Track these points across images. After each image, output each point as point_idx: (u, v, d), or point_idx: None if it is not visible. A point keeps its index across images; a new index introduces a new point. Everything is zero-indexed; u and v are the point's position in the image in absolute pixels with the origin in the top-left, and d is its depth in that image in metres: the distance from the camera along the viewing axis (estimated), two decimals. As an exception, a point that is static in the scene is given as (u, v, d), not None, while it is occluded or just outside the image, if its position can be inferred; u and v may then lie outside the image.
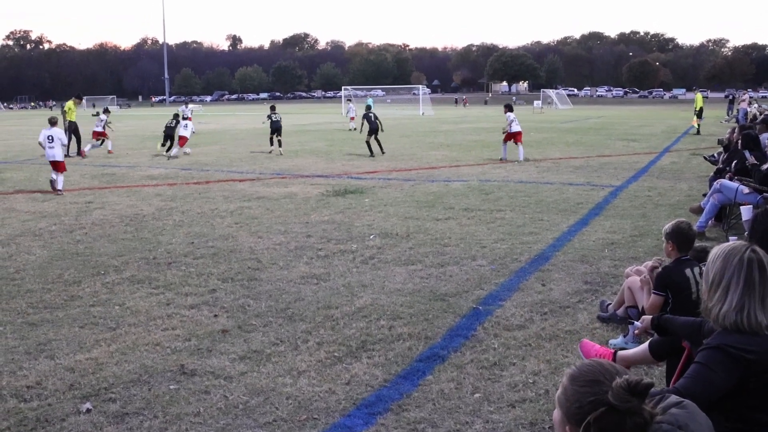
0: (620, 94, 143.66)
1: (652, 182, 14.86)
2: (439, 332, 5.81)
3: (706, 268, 2.99)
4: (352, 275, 7.63)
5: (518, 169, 17.73)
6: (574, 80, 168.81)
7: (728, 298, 2.85)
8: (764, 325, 2.81)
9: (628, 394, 1.90)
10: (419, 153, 23.00)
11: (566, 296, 6.78)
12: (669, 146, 24.83)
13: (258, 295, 6.92)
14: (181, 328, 6.00)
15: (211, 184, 15.58)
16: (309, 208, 12.07)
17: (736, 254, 2.88)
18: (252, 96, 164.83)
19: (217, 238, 9.68)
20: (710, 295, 2.92)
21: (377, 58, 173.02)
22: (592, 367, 2.01)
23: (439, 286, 7.15)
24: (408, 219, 10.89)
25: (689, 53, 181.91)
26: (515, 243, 9.08)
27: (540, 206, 11.90)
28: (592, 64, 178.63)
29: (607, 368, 1.99)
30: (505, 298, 6.74)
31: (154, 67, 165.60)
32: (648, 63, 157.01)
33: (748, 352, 2.77)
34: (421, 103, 68.31)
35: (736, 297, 2.84)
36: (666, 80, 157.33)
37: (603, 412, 1.91)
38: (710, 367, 2.79)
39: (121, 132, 39.16)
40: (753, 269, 2.84)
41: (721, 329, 2.89)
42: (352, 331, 5.83)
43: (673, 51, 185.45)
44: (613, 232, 9.71)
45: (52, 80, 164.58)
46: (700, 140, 27.52)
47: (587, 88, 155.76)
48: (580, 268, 7.83)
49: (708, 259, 3.00)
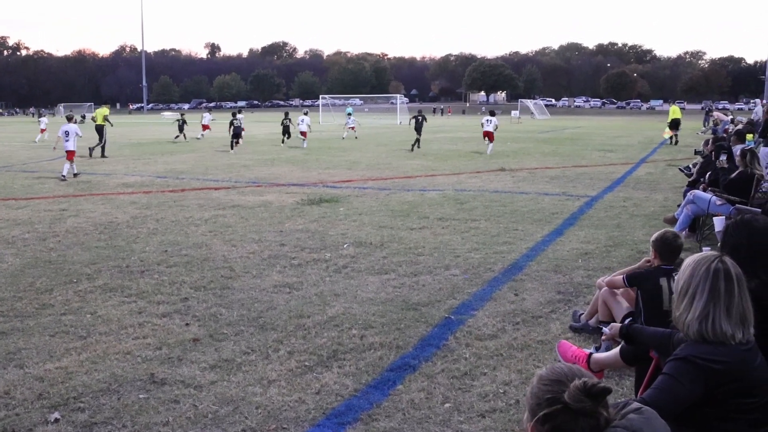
0: (598, 104, 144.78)
1: (628, 193, 14.99)
2: (411, 342, 5.82)
3: (677, 277, 3.05)
4: (324, 284, 7.63)
5: (494, 178, 17.81)
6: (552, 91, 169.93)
7: (693, 306, 2.90)
8: (729, 334, 2.85)
9: (582, 395, 1.94)
10: (395, 162, 23.05)
11: (539, 306, 6.82)
12: (645, 157, 25.06)
13: (230, 304, 6.90)
14: (152, 336, 5.97)
15: (186, 192, 15.52)
16: (283, 216, 12.06)
17: (704, 264, 2.93)
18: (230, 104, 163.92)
19: (191, 246, 9.64)
20: (678, 304, 2.98)
21: (355, 67, 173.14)
22: (559, 368, 2.06)
23: (412, 296, 7.17)
24: (382, 228, 10.91)
25: (667, 65, 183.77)
26: (489, 253, 9.12)
27: (515, 216, 11.96)
28: (570, 74, 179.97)
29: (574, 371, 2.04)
30: (477, 307, 6.77)
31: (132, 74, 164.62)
32: (626, 74, 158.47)
33: (716, 363, 2.81)
34: (398, 112, 68.46)
35: (701, 306, 2.89)
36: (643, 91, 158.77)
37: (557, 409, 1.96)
38: (677, 378, 2.83)
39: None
40: (719, 279, 2.89)
41: (690, 340, 2.94)
42: (324, 341, 5.83)
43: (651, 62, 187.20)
44: (587, 242, 9.78)
45: (29, 87, 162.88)
46: (677, 151, 27.81)
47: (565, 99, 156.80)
48: (553, 278, 7.87)
49: (680, 268, 3.06)
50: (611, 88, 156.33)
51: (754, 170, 9.17)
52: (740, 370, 2.82)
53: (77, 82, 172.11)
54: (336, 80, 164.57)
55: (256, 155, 26.37)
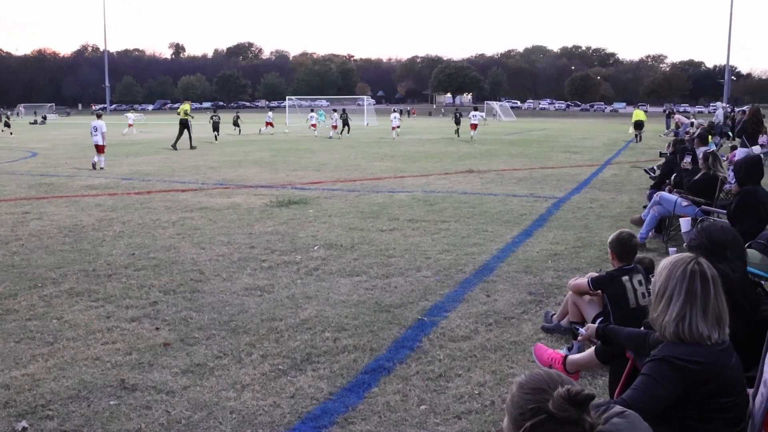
0: (563, 107, 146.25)
1: (594, 194, 15.12)
2: (385, 344, 5.80)
3: (654, 279, 3.08)
4: (296, 287, 7.58)
5: (462, 180, 17.87)
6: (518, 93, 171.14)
7: (670, 308, 2.94)
8: (706, 335, 2.89)
9: (567, 404, 1.93)
10: (364, 164, 23.03)
11: (511, 307, 6.84)
12: (610, 159, 25.31)
13: (200, 308, 6.83)
14: (121, 341, 5.88)
15: (152, 194, 15.35)
16: (252, 218, 11.98)
17: (680, 266, 2.96)
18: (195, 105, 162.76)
19: (159, 249, 9.53)
20: (655, 306, 3.01)
21: (322, 69, 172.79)
22: (539, 376, 2.05)
23: (384, 298, 7.15)
24: (352, 230, 10.88)
25: (629, 68, 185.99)
26: (460, 254, 9.14)
27: (484, 217, 12.00)
28: (535, 77, 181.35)
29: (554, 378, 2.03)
30: (450, 309, 6.77)
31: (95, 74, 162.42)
32: (589, 77, 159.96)
33: (694, 363, 2.84)
34: (366, 114, 68.48)
35: (677, 307, 2.92)
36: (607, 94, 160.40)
37: (542, 419, 1.95)
38: (656, 378, 2.86)
39: (60, 141, 38.45)
40: (695, 281, 2.93)
41: (667, 341, 2.97)
42: (297, 344, 5.79)
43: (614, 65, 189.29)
44: (556, 243, 9.85)
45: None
46: (640, 153, 28.14)
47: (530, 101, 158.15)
48: (524, 279, 7.91)
49: (656, 270, 3.09)
50: (576, 91, 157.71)
51: (717, 172, 9.33)
52: (716, 370, 2.86)
53: (37, 82, 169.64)
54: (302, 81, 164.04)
55: (222, 156, 26.19)
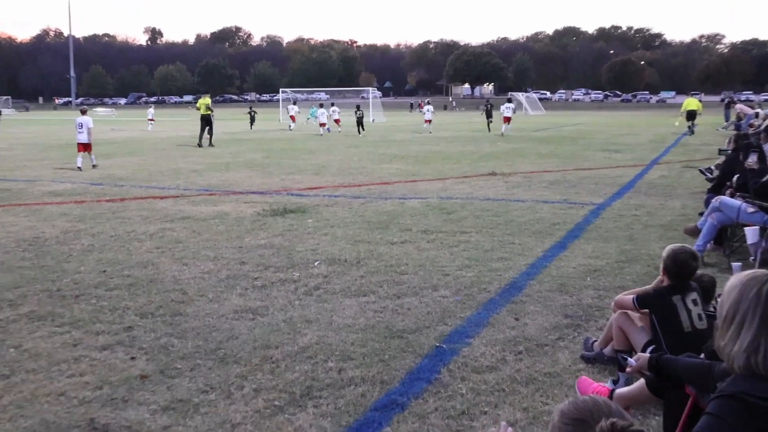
0: (599, 97, 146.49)
1: (640, 199, 15.08)
2: (397, 375, 5.77)
3: (721, 300, 2.93)
4: (294, 309, 7.57)
5: (484, 184, 17.86)
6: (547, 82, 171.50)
7: (741, 336, 2.78)
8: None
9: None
10: (370, 166, 23.07)
11: (544, 332, 6.80)
12: (657, 158, 25.29)
13: (183, 333, 6.81)
14: (90, 374, 5.86)
15: (127, 201, 15.38)
16: (243, 230, 11.99)
17: (754, 286, 2.79)
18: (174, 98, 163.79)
19: (135, 265, 9.54)
20: (722, 332, 2.85)
21: (320, 57, 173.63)
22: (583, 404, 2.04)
23: (396, 321, 7.12)
24: (358, 243, 10.87)
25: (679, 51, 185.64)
26: (483, 270, 9.11)
27: (510, 227, 11.98)
28: (567, 63, 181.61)
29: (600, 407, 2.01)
30: (472, 334, 6.74)
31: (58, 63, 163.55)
32: (631, 62, 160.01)
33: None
34: (371, 108, 68.50)
35: (750, 335, 2.75)
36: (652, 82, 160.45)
37: None
38: (724, 419, 2.74)
39: (18, 140, 38.58)
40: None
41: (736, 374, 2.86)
42: (296, 375, 5.77)
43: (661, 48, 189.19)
44: (595, 257, 9.80)
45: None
46: (694, 150, 28.09)
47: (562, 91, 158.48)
48: (558, 299, 7.87)
49: (724, 289, 2.96)
50: (615, 79, 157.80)
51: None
52: None
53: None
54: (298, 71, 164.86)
55: (207, 158, 26.28)
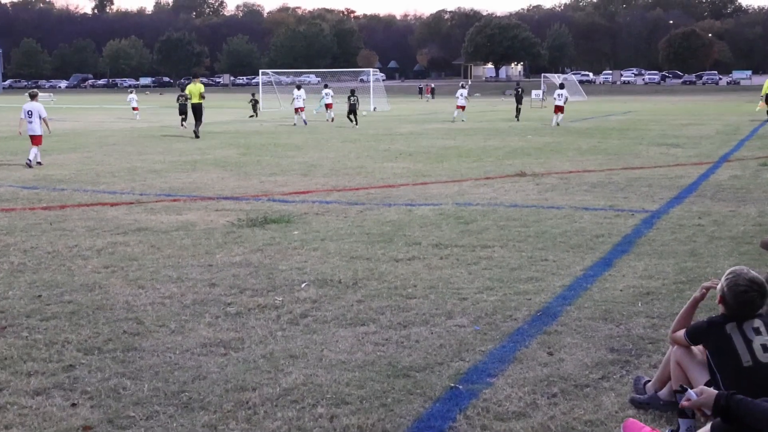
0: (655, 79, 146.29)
1: (705, 205, 15.10)
2: (403, 423, 5.79)
3: None
4: (275, 341, 7.58)
5: (511, 187, 17.88)
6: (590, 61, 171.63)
7: None
8: None
9: None
10: (370, 165, 23.13)
11: (584, 370, 6.81)
12: (728, 153, 25.34)
13: (138, 373, 6.82)
14: (20, 425, 5.87)
15: (68, 209, 15.41)
16: (213, 244, 12.01)
17: None
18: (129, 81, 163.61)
19: (78, 289, 9.55)
20: None
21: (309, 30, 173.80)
22: None
23: (401, 357, 7.13)
24: (355, 259, 10.90)
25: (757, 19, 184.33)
26: (508, 293, 9.13)
27: (543, 240, 12.00)
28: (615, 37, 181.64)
29: None
30: (495, 373, 6.75)
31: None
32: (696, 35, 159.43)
33: None
34: (372, 94, 68.60)
35: None
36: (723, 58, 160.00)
37: None
38: None
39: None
40: None
41: None
42: (277, 424, 5.79)
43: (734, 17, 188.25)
44: (648, 277, 9.82)
45: None
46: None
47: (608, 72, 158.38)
48: (602, 329, 7.88)
49: None
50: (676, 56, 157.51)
51: None
52: None
53: None
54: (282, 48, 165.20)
55: (170, 155, 26.31)
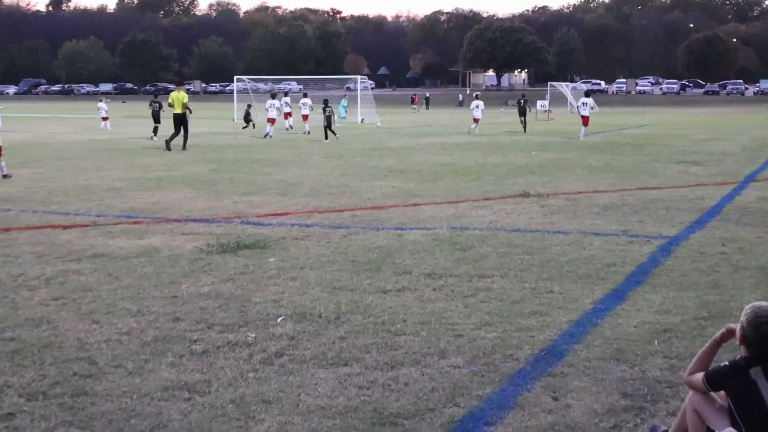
0: (674, 88, 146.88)
1: (730, 230, 15.14)
2: (389, 479, 5.75)
3: None
4: (247, 384, 7.55)
5: (513, 209, 17.88)
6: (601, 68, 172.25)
7: None
8: None
9: None
10: (356, 184, 23.16)
11: (593, 417, 6.80)
12: (755, 172, 25.46)
13: (88, 422, 6.77)
14: (-42, 479, 5.83)
15: (14, 232, 15.39)
16: (178, 272, 11.99)
17: None
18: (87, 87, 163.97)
19: (22, 324, 9.50)
20: None
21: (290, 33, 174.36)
22: None
23: (389, 402, 7.11)
24: (338, 290, 10.88)
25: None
26: (509, 330, 9.12)
27: (548, 270, 12.01)
28: (630, 42, 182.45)
29: None
30: (494, 420, 6.73)
31: None
32: (719, 39, 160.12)
33: None
34: (359, 104, 68.77)
35: None
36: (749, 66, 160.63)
37: None
38: None
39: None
40: None
41: None
42: (247, 479, 5.74)
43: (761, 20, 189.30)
44: (666, 311, 9.82)
45: None
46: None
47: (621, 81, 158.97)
48: (614, 370, 7.87)
49: None
50: (696, 63, 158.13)
51: None
52: None
53: None
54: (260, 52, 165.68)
55: (131, 171, 26.29)
